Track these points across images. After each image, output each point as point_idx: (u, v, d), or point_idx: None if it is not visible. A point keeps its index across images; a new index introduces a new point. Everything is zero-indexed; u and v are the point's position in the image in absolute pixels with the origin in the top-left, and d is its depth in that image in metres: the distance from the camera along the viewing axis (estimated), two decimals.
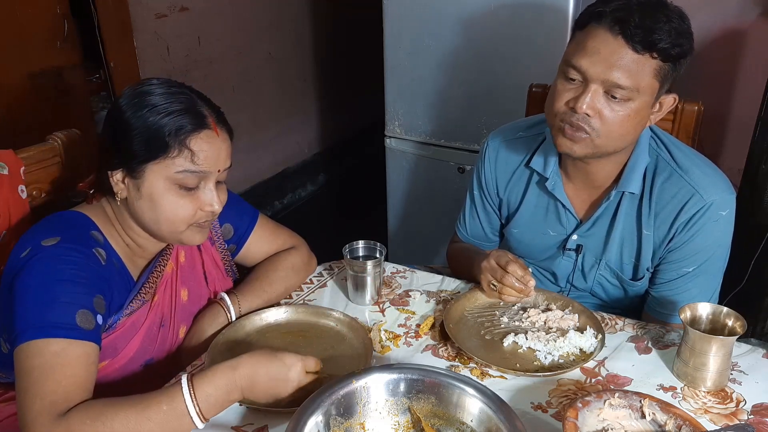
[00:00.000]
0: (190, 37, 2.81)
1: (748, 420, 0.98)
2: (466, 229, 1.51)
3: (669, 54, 1.06)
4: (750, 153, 2.09)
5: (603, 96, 1.09)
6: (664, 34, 1.04)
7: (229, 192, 1.29)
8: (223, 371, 0.93)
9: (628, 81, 1.06)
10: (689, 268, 1.22)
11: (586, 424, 0.90)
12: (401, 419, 0.95)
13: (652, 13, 1.04)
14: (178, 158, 1.00)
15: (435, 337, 1.20)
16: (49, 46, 2.16)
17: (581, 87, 1.10)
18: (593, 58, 1.07)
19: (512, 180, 1.38)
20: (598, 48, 1.07)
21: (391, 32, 2.31)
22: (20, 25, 2.06)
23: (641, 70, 1.06)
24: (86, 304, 0.96)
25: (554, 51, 2.04)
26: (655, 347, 1.15)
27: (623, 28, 1.04)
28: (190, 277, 1.20)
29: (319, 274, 1.40)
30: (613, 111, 1.09)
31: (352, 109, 4.05)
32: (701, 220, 1.17)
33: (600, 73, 1.07)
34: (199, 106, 1.03)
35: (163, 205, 1.02)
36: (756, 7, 2.51)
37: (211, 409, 0.92)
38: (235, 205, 1.26)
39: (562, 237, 1.34)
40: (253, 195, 3.38)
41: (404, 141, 2.45)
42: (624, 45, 1.05)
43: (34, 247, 0.97)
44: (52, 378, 0.89)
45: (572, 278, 1.36)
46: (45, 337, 0.90)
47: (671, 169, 1.20)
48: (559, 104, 1.13)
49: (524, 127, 1.38)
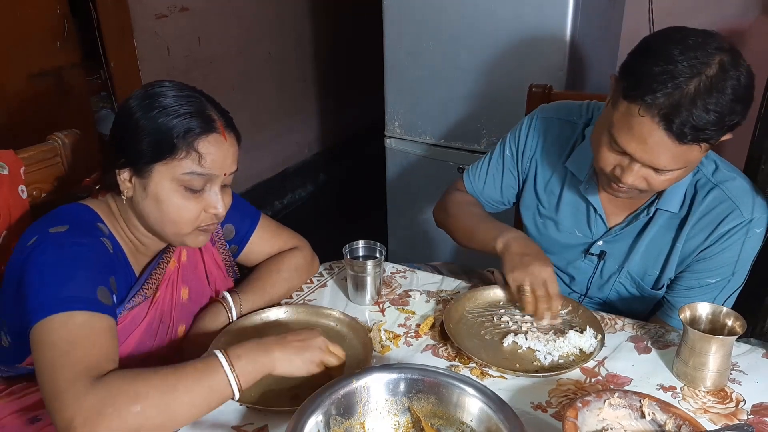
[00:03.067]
0: (190, 37, 2.80)
1: (747, 420, 0.98)
2: (478, 183, 1.46)
3: (719, 138, 1.03)
4: (750, 153, 2.08)
5: (650, 169, 1.07)
6: (714, 127, 0.99)
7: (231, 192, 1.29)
8: (251, 341, 0.97)
9: (676, 165, 1.05)
10: (712, 280, 1.22)
11: (586, 424, 0.90)
12: (401, 419, 0.95)
13: (705, 99, 0.97)
14: (186, 160, 1.01)
15: (435, 337, 1.20)
16: (49, 46, 2.16)
17: (626, 159, 1.08)
18: (640, 146, 1.03)
19: (552, 166, 1.35)
20: (645, 137, 1.02)
21: (391, 32, 2.31)
22: (20, 25, 2.06)
23: (690, 153, 1.03)
24: (104, 281, 0.96)
25: (554, 51, 2.05)
26: (654, 347, 1.15)
27: (669, 126, 0.99)
28: (191, 276, 1.20)
29: (319, 274, 1.40)
30: (662, 177, 1.08)
31: (352, 109, 4.05)
32: (736, 236, 1.17)
33: (646, 160, 1.05)
34: (208, 110, 1.04)
35: (168, 206, 1.03)
36: (756, 7, 2.50)
37: (247, 373, 0.92)
38: (237, 205, 1.27)
39: (588, 240, 1.33)
40: (253, 195, 3.38)
41: (404, 141, 2.45)
42: (671, 139, 1.00)
43: (42, 234, 0.97)
44: (80, 348, 0.87)
45: (590, 283, 1.35)
46: (67, 311, 0.89)
47: (712, 183, 1.19)
48: (605, 168, 1.12)
49: (576, 111, 1.33)
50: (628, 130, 1.04)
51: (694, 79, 0.97)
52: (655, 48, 1.02)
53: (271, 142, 3.46)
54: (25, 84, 2.11)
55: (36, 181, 1.24)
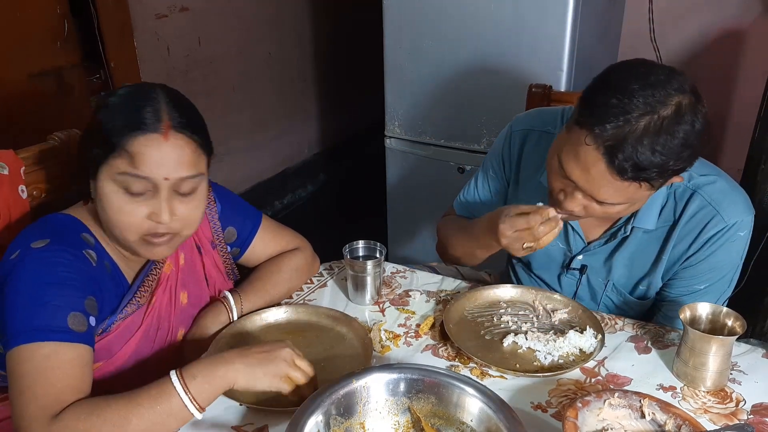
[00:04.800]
0: (190, 37, 2.80)
1: (747, 420, 0.98)
2: (469, 208, 1.45)
3: (660, 180, 1.02)
4: (750, 153, 2.09)
5: (592, 200, 1.06)
6: (657, 169, 0.98)
7: (232, 194, 1.28)
8: (210, 357, 0.95)
9: (616, 199, 1.04)
10: (701, 286, 1.21)
11: (586, 424, 0.90)
12: (401, 419, 0.95)
13: (652, 139, 0.96)
14: (119, 159, 0.95)
15: (435, 337, 1.20)
16: (49, 46, 2.16)
17: (571, 186, 1.07)
18: (583, 175, 1.03)
19: (529, 180, 1.33)
20: (588, 167, 1.01)
21: (391, 32, 2.31)
22: (20, 25, 2.06)
23: (632, 190, 1.02)
24: (78, 306, 0.95)
25: (554, 51, 2.05)
26: (654, 347, 1.15)
27: (612, 159, 0.98)
28: (189, 279, 1.19)
29: (319, 274, 1.40)
30: (602, 209, 1.08)
31: (352, 109, 4.05)
32: (720, 240, 1.16)
33: (587, 189, 1.04)
34: (158, 109, 0.96)
35: (108, 208, 0.99)
36: (756, 7, 2.50)
37: (204, 391, 0.90)
38: (237, 207, 1.26)
39: (567, 255, 1.33)
40: (253, 195, 3.37)
41: (404, 141, 2.45)
42: (613, 173, 0.99)
43: (24, 249, 0.96)
44: (44, 381, 0.88)
45: (576, 297, 1.35)
46: (35, 341, 0.90)
47: (690, 189, 1.17)
48: (552, 190, 1.12)
49: (551, 120, 1.32)
50: (574, 156, 1.03)
51: (646, 116, 0.96)
52: (616, 79, 1.01)
53: (271, 142, 3.46)
54: (25, 84, 2.11)
55: (36, 181, 1.23)
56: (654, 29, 2.55)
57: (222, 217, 1.23)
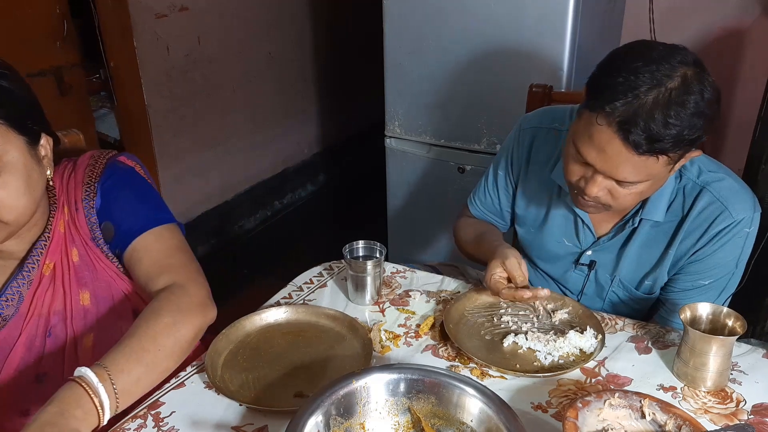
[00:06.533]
0: (190, 37, 2.80)
1: (748, 420, 0.98)
2: (481, 207, 1.48)
3: (677, 151, 1.02)
4: (750, 153, 2.09)
5: (613, 181, 1.07)
6: (671, 140, 0.98)
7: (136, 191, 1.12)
8: None
9: (636, 177, 1.04)
10: (705, 281, 1.22)
11: (586, 424, 0.90)
12: (401, 419, 0.95)
13: (663, 111, 0.97)
14: None
15: (435, 337, 1.19)
16: (49, 46, 2.16)
17: (590, 170, 1.08)
18: (600, 156, 1.04)
19: (538, 177, 1.35)
20: (604, 146, 1.02)
21: (391, 32, 2.31)
22: (20, 25, 2.06)
23: (650, 165, 1.02)
24: None
25: (554, 51, 2.05)
26: (655, 347, 1.15)
27: (626, 135, 0.99)
28: (90, 277, 1.07)
29: (319, 274, 1.40)
30: (625, 190, 1.08)
31: (352, 109, 4.05)
32: (727, 236, 1.16)
33: (606, 170, 1.05)
34: None
35: None
36: (756, 7, 2.50)
37: None
38: (125, 202, 1.09)
39: (577, 250, 1.33)
40: (253, 195, 3.38)
41: (404, 141, 2.45)
42: (629, 148, 1.00)
43: None
44: None
45: (583, 293, 1.35)
46: None
47: (699, 186, 1.18)
48: (572, 179, 1.13)
49: (559, 117, 1.33)
50: (588, 139, 1.05)
51: (654, 90, 0.97)
52: (619, 61, 1.03)
53: (271, 142, 3.46)
54: None
55: None
56: (654, 29, 2.55)
57: (101, 211, 1.08)
